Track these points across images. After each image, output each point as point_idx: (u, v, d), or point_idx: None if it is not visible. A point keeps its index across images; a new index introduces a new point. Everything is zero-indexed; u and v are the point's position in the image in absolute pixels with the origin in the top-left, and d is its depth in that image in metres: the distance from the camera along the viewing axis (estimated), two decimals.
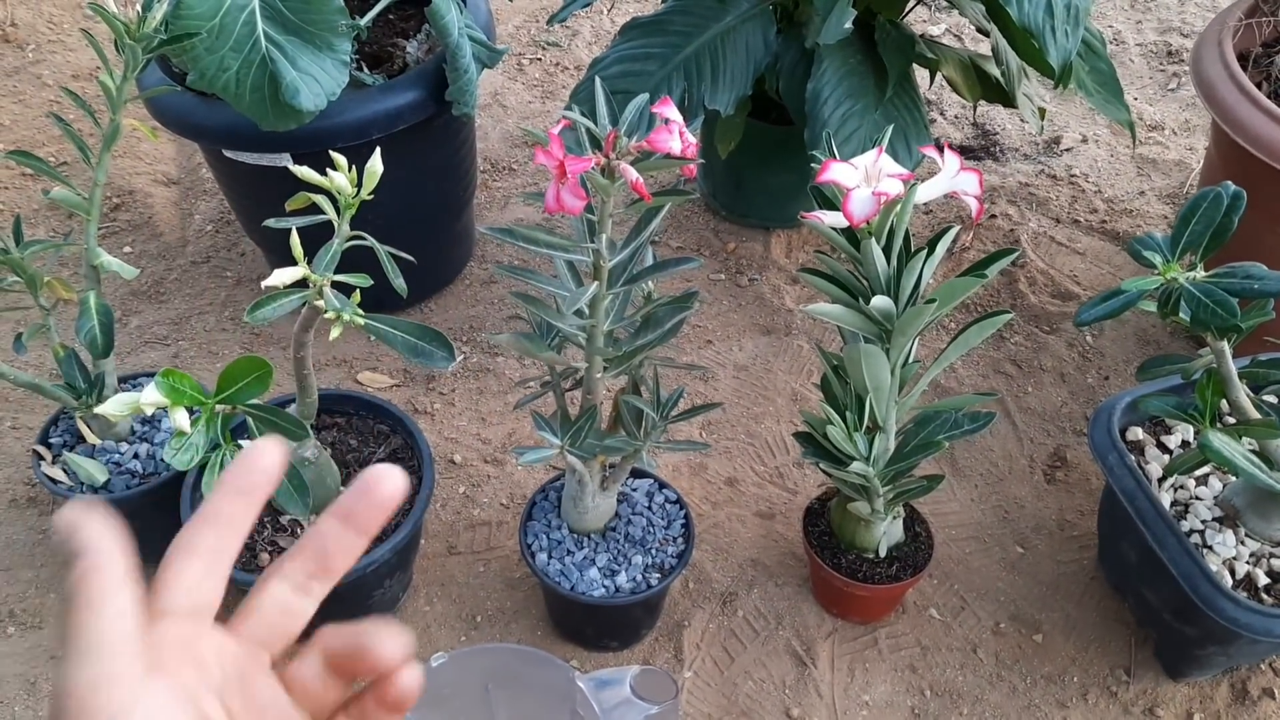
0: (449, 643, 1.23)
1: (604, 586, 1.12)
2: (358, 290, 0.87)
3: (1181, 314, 0.88)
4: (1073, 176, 1.83)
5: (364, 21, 1.46)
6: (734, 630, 1.24)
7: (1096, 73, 1.38)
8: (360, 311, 0.86)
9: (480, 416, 1.47)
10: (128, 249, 1.73)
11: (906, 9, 1.50)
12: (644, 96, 0.94)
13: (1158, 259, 0.85)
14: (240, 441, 0.95)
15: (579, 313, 1.01)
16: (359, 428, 1.25)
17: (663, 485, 1.22)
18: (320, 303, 0.84)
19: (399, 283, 0.91)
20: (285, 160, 1.36)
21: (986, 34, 1.49)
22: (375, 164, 0.90)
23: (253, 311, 0.80)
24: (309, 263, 0.88)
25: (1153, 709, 1.16)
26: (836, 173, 0.92)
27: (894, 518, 1.16)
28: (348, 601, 1.15)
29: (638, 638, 1.22)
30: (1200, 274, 0.86)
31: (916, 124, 1.32)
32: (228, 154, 1.39)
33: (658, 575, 1.14)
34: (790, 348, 1.57)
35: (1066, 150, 1.89)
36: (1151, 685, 1.18)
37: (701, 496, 1.38)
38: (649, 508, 1.20)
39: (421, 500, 1.14)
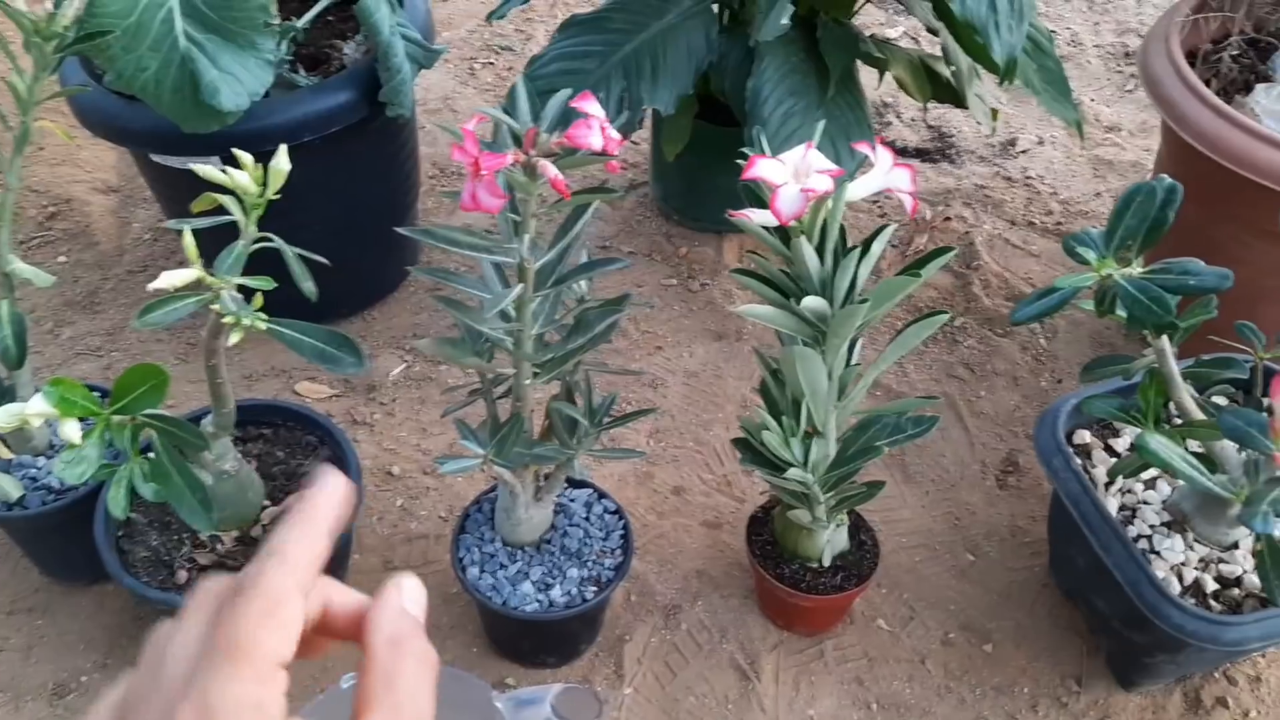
0: None
1: (537, 601, 1.08)
2: (259, 294, 0.83)
3: (1119, 311, 0.85)
4: (1028, 178, 1.81)
5: (301, 23, 1.42)
6: (677, 644, 1.20)
7: (1044, 71, 1.36)
8: (263, 316, 0.82)
9: (421, 427, 1.43)
10: (62, 258, 1.68)
11: (856, 8, 1.48)
12: (566, 92, 0.91)
13: (1092, 255, 0.83)
14: (149, 455, 0.91)
15: (505, 316, 0.97)
16: (287, 439, 1.20)
17: (602, 495, 1.19)
18: (217, 306, 0.80)
19: (308, 286, 0.87)
20: (214, 164, 1.32)
21: (936, 33, 1.46)
22: (281, 162, 0.87)
23: (141, 316, 0.76)
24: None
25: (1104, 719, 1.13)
26: (763, 169, 0.89)
27: (837, 526, 1.13)
28: None
29: (577, 653, 1.18)
30: (1137, 270, 0.83)
31: (860, 123, 1.29)
32: (155, 158, 1.35)
33: (594, 589, 1.10)
34: (741, 354, 1.54)
35: (1022, 152, 1.87)
36: (1103, 695, 1.15)
37: (648, 506, 1.34)
38: (587, 518, 1.16)
39: None
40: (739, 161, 1.67)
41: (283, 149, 0.87)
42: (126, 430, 0.90)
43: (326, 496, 0.35)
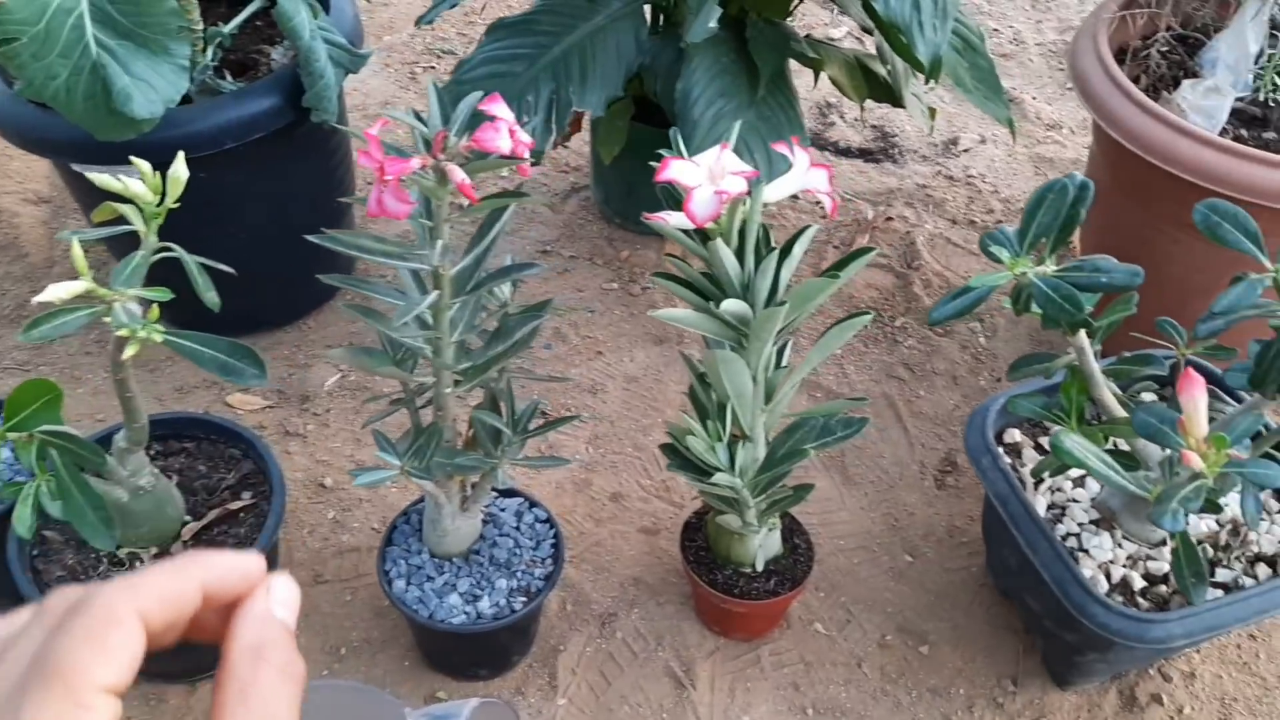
0: (310, 676, 1.16)
1: (465, 613, 1.07)
2: (155, 306, 0.80)
3: (1035, 310, 0.85)
4: (970, 177, 1.81)
5: (228, 29, 1.40)
6: (612, 653, 1.18)
7: (976, 69, 1.35)
8: (159, 328, 0.80)
9: (355, 437, 1.41)
10: None
11: (792, 7, 1.47)
12: (476, 95, 0.89)
13: (1005, 255, 0.82)
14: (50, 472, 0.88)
15: (423, 324, 0.96)
16: (209, 453, 1.18)
17: (533, 504, 1.17)
18: (108, 319, 0.78)
19: (210, 296, 0.85)
20: (133, 172, 1.29)
21: (871, 32, 1.46)
22: (179, 170, 0.84)
23: (28, 331, 0.74)
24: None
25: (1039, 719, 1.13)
26: (676, 171, 0.87)
27: (770, 530, 1.12)
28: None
29: (509, 665, 1.16)
30: (1050, 269, 0.83)
31: (792, 123, 1.28)
32: (76, 168, 1.32)
33: (523, 599, 1.08)
34: (681, 358, 1.52)
35: (964, 151, 1.87)
36: (1038, 695, 1.15)
37: (585, 514, 1.33)
38: (517, 528, 1.15)
39: (269, 529, 1.07)
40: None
41: (180, 157, 0.85)
42: (32, 448, 0.87)
43: (223, 558, 0.33)
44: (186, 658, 1.13)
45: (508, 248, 1.68)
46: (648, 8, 1.38)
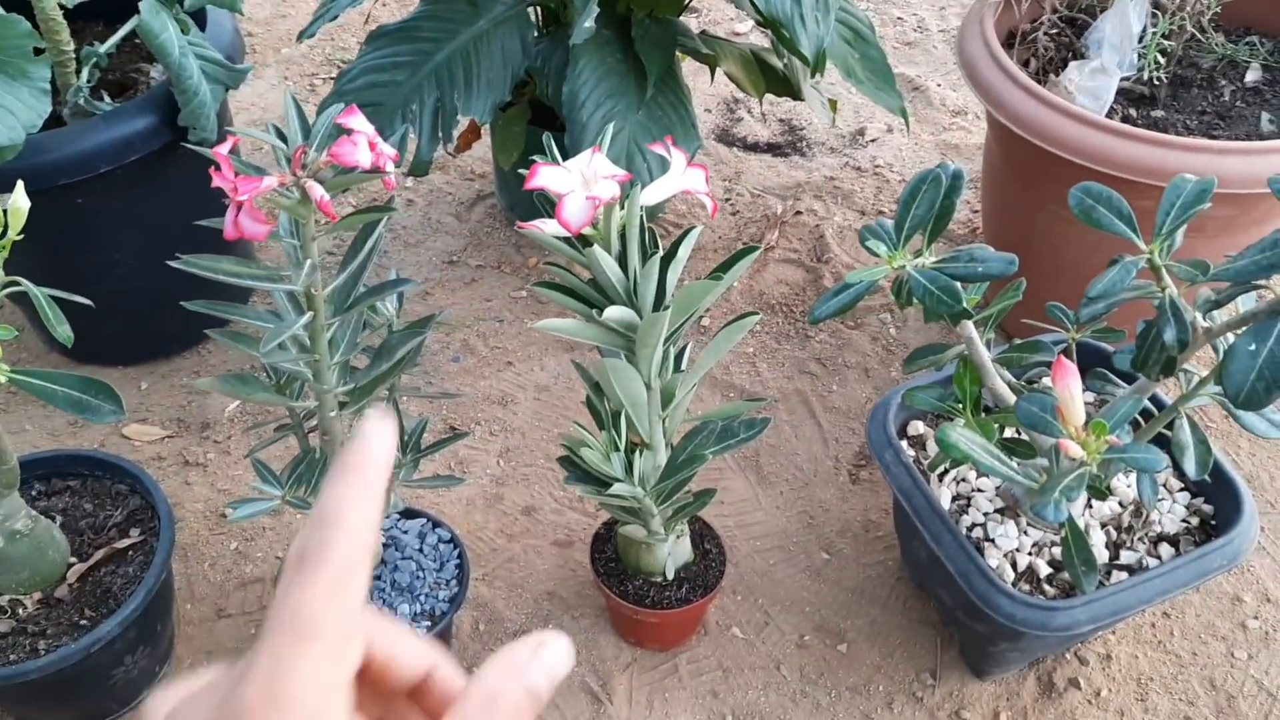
0: None
1: None
2: None
3: (915, 302, 0.83)
4: (877, 167, 1.81)
5: (104, 48, 1.35)
6: None
7: (867, 60, 1.35)
8: (4, 368, 0.76)
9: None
10: None
11: (685, 3, 1.45)
12: (336, 107, 0.86)
13: (883, 249, 0.81)
14: None
15: (302, 346, 0.92)
16: (95, 490, 1.13)
17: (436, 524, 1.14)
18: None
19: (63, 330, 0.80)
20: (3, 202, 1.24)
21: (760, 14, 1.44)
22: (18, 199, 0.80)
23: None
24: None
25: (959, 712, 1.12)
26: (546, 178, 0.85)
27: (677, 537, 1.10)
28: (82, 685, 1.04)
29: None
30: (929, 260, 0.81)
31: (684, 122, 1.26)
32: None
33: (428, 623, 1.05)
34: (593, 365, 1.50)
35: (872, 141, 1.87)
36: (958, 687, 1.14)
37: (497, 529, 1.30)
38: (420, 550, 1.11)
39: (157, 566, 1.03)
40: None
41: (19, 186, 0.81)
42: None
43: (376, 446, 0.29)
44: (77, 705, 1.08)
45: (412, 260, 1.64)
46: (534, 9, 1.36)
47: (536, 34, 1.33)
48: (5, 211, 0.80)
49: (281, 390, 0.96)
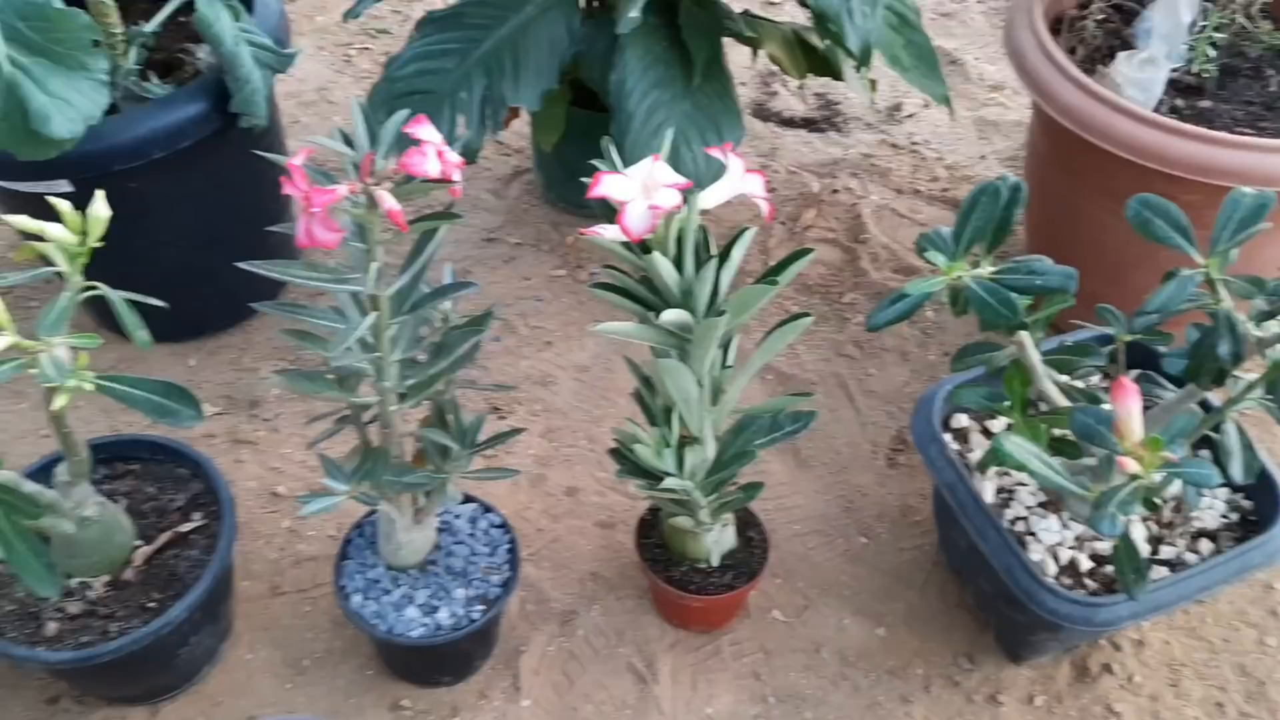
0: (273, 692, 1.16)
1: (423, 625, 1.07)
2: (84, 354, 0.78)
3: (972, 311, 0.85)
4: (914, 144, 1.81)
5: (150, 28, 1.36)
6: (573, 651, 1.19)
7: (913, 46, 1.34)
8: (89, 376, 0.78)
9: (307, 442, 1.39)
10: None
11: None
12: (403, 114, 0.87)
13: (941, 259, 0.82)
14: None
15: (365, 345, 0.94)
16: (157, 473, 1.16)
17: (487, 509, 1.17)
18: (34, 372, 0.76)
19: (141, 335, 0.83)
20: (63, 186, 1.26)
21: (807, 6, 1.44)
22: (99, 209, 0.82)
23: None
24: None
25: (995, 695, 1.15)
26: (609, 187, 0.87)
27: (723, 526, 1.12)
28: (150, 664, 1.08)
29: (471, 670, 1.17)
30: (986, 271, 0.83)
31: (729, 111, 1.27)
32: (2, 184, 1.28)
33: (481, 608, 1.08)
34: (633, 346, 1.52)
35: (908, 117, 1.86)
36: (994, 671, 1.17)
37: (541, 510, 1.33)
38: (472, 535, 1.15)
39: (221, 552, 1.07)
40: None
41: (99, 196, 0.82)
42: None
43: None
44: (143, 682, 1.12)
45: (451, 238, 1.66)
46: None
47: (581, 18, 1.33)
48: (86, 217, 0.82)
49: (343, 385, 0.99)
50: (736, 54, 1.88)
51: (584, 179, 1.69)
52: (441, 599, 1.09)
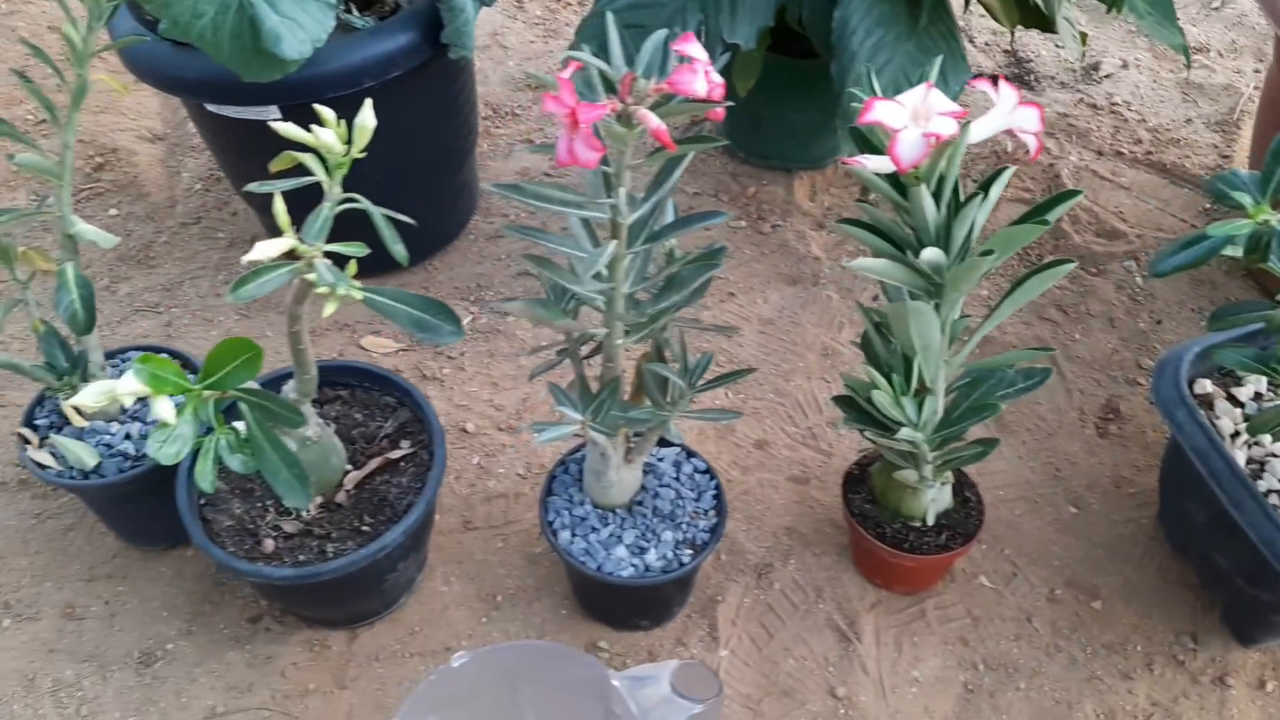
0: (468, 625, 1.15)
1: (632, 565, 1.05)
2: (353, 261, 0.78)
3: (1272, 260, 0.79)
4: (1114, 105, 1.72)
5: None
6: (771, 604, 1.16)
7: None
8: (356, 285, 0.77)
9: (492, 381, 1.39)
10: (113, 211, 1.63)
11: None
12: (662, 32, 0.84)
13: (1247, 200, 0.76)
14: (234, 425, 0.87)
15: (598, 275, 0.92)
16: (364, 400, 1.16)
17: (690, 454, 1.14)
18: (311, 276, 0.75)
19: (398, 249, 0.82)
20: (273, 113, 1.27)
21: None
22: (367, 118, 0.81)
23: (235, 290, 0.71)
24: (297, 230, 0.79)
25: (1223, 677, 1.09)
26: (881, 113, 0.82)
27: (943, 484, 1.08)
28: (359, 587, 1.08)
29: (669, 615, 1.15)
30: None
31: (954, 54, 1.21)
32: (210, 108, 1.29)
33: (689, 552, 1.06)
34: (819, 298, 1.48)
35: (1106, 77, 1.77)
36: (1220, 652, 1.11)
37: (730, 461, 1.30)
38: (677, 478, 1.12)
39: (434, 479, 1.06)
40: (812, 95, 1.59)
41: (367, 104, 0.81)
42: (212, 402, 0.86)
43: None
44: (348, 606, 1.13)
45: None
46: None
47: None
48: (351, 127, 0.81)
49: (567, 315, 0.97)
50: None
51: (771, 128, 1.64)
52: (650, 540, 1.07)
